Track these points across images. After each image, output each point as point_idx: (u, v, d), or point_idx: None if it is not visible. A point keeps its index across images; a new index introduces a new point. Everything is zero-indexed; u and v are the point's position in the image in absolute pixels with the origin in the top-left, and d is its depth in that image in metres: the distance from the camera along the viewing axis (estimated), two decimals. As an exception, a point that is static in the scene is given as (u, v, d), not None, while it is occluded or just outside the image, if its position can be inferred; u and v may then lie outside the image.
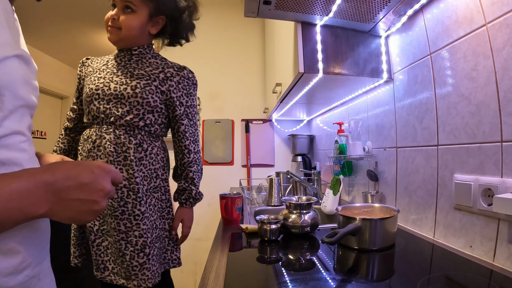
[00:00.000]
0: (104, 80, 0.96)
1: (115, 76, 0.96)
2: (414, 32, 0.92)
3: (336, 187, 1.30)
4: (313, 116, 2.08)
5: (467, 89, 0.71)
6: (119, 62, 1.00)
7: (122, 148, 0.92)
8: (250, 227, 0.96)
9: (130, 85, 0.94)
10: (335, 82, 1.13)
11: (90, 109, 0.95)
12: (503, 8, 0.61)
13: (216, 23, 2.38)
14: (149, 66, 0.99)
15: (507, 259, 0.60)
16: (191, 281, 2.23)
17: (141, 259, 0.90)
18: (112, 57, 1.04)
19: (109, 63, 1.01)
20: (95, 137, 0.94)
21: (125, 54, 1.01)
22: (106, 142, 0.92)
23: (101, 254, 0.93)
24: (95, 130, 0.95)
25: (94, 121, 0.96)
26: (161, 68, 0.99)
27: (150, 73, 0.97)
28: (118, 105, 0.93)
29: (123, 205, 0.91)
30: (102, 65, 1.02)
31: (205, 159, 2.30)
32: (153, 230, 0.96)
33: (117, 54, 1.02)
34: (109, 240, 0.93)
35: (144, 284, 0.90)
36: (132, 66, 0.99)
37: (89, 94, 0.96)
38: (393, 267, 0.66)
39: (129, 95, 0.93)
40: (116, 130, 0.93)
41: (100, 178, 0.41)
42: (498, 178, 0.62)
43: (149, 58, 1.02)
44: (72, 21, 2.96)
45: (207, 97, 2.35)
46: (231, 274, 0.64)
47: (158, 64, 1.01)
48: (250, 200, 1.54)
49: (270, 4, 0.88)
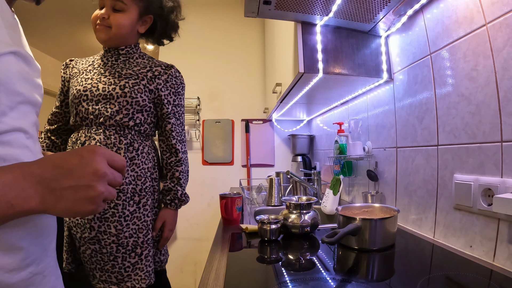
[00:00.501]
0: (92, 80, 0.94)
1: (102, 77, 0.95)
2: (414, 32, 0.92)
3: (336, 187, 1.30)
4: (313, 116, 2.08)
5: (467, 89, 0.71)
6: (106, 62, 0.99)
7: (113, 148, 0.91)
8: (250, 227, 0.96)
9: (118, 84, 0.93)
10: (335, 82, 1.13)
11: (78, 111, 0.93)
12: (503, 8, 0.61)
13: (216, 23, 2.38)
14: (137, 65, 0.99)
15: (507, 259, 0.60)
16: (191, 281, 2.23)
17: (132, 259, 0.89)
18: (98, 57, 1.02)
19: (95, 63, 1.00)
20: (84, 139, 0.92)
21: (112, 54, 1.00)
22: (96, 143, 0.90)
23: (87, 261, 0.91)
24: (84, 131, 0.93)
25: (82, 123, 0.94)
26: (149, 67, 0.99)
27: (138, 72, 0.97)
28: (107, 105, 0.92)
29: (113, 207, 0.89)
30: (87, 65, 1.00)
31: (205, 159, 2.30)
32: (147, 231, 0.94)
33: (104, 54, 1.01)
34: (92, 248, 0.89)
35: (138, 284, 0.89)
36: (120, 66, 0.98)
37: (76, 95, 0.94)
38: (393, 267, 0.66)
39: (118, 95, 0.92)
40: (106, 131, 0.92)
41: (90, 160, 0.38)
42: (498, 178, 0.62)
43: (137, 58, 1.01)
44: (72, 22, 2.96)
45: (207, 97, 2.35)
46: (231, 274, 0.64)
47: (145, 63, 1.00)
48: (250, 200, 1.54)
49: (270, 4, 0.88)
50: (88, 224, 0.88)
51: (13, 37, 0.46)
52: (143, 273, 0.90)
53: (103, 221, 0.89)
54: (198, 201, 2.28)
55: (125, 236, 0.89)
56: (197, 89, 2.32)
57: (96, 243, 0.88)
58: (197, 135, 2.31)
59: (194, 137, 2.31)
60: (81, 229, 0.90)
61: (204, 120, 2.33)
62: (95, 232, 0.88)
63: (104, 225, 0.89)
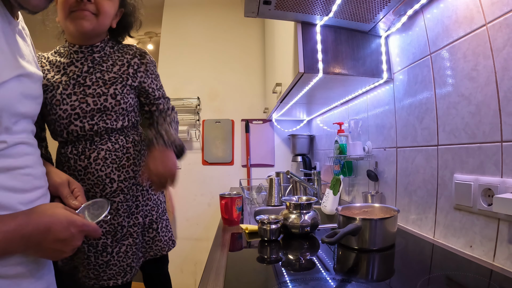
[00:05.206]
0: (77, 96, 0.84)
1: (86, 88, 0.85)
2: (414, 32, 0.92)
3: (336, 187, 1.30)
4: (313, 116, 2.08)
5: (467, 89, 0.71)
6: (81, 67, 0.87)
7: (123, 150, 0.90)
8: (250, 227, 0.96)
9: (108, 94, 0.86)
10: (335, 82, 1.13)
11: (71, 130, 0.85)
12: (503, 8, 0.61)
13: (216, 23, 2.38)
14: (114, 63, 0.91)
15: (507, 259, 0.60)
16: (191, 281, 2.23)
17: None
18: (64, 59, 0.88)
19: (68, 71, 0.86)
20: (89, 152, 0.86)
21: (85, 54, 0.87)
22: (106, 153, 0.88)
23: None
24: (85, 145, 0.87)
25: (80, 139, 0.87)
26: (126, 62, 0.92)
27: (120, 73, 0.90)
28: (104, 117, 0.86)
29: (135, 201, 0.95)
30: (56, 73, 0.87)
31: (205, 159, 2.30)
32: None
33: (72, 54, 0.87)
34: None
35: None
36: (98, 69, 0.88)
37: (64, 116, 0.84)
38: (393, 267, 0.66)
39: (112, 105, 0.86)
40: (111, 137, 0.89)
41: (75, 238, 0.49)
42: (498, 178, 0.62)
43: (110, 53, 0.92)
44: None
45: (207, 97, 2.35)
46: (231, 274, 0.64)
47: (120, 58, 0.92)
48: (250, 200, 1.54)
49: (270, 4, 0.88)
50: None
51: (17, 55, 0.49)
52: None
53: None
54: (198, 201, 2.28)
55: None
56: (197, 89, 2.32)
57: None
58: (197, 135, 2.31)
59: (194, 137, 2.31)
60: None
61: (204, 120, 2.33)
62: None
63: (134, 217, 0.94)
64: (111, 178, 0.88)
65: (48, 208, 0.48)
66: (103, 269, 0.89)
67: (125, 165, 0.91)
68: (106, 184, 0.88)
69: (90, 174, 0.87)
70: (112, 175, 0.88)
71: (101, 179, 0.87)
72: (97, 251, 0.89)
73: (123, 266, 0.92)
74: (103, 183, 0.87)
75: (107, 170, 0.88)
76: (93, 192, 0.87)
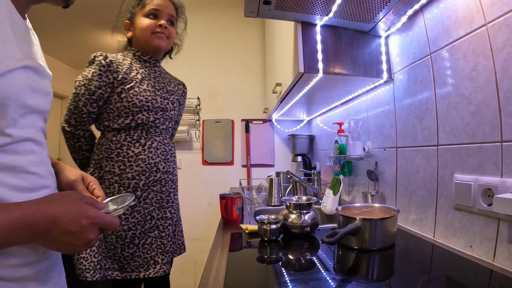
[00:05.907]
0: (150, 93, 1.04)
1: (156, 90, 1.07)
2: (414, 32, 0.92)
3: (336, 187, 1.30)
4: (313, 116, 2.08)
5: (467, 89, 0.71)
6: (149, 73, 1.09)
7: (167, 147, 1.09)
8: (250, 227, 0.96)
9: (170, 99, 1.11)
10: (335, 82, 1.13)
11: (137, 118, 1.01)
12: (503, 8, 0.61)
13: (216, 23, 2.38)
14: (170, 81, 1.17)
15: (507, 259, 0.60)
16: (191, 281, 2.23)
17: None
18: (136, 64, 1.07)
19: (141, 71, 1.06)
20: (145, 140, 1.03)
21: (151, 64, 1.11)
22: (158, 143, 1.05)
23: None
24: (140, 134, 1.02)
25: (138, 127, 1.02)
26: (178, 84, 1.21)
27: (175, 89, 1.17)
28: (164, 116, 1.08)
29: (168, 195, 1.09)
30: (132, 72, 1.03)
31: (205, 159, 2.30)
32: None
33: (143, 62, 1.09)
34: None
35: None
36: (159, 79, 1.12)
37: (138, 105, 1.01)
38: (393, 267, 0.66)
39: (170, 108, 1.10)
40: (162, 133, 1.08)
41: (86, 230, 0.44)
42: (498, 178, 0.62)
43: (163, 72, 1.17)
44: (72, 21, 2.96)
45: (207, 97, 2.35)
46: (231, 274, 0.64)
47: (171, 79, 1.19)
48: (250, 200, 1.54)
49: (270, 4, 0.88)
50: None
51: (24, 48, 0.48)
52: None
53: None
54: (198, 201, 2.28)
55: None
56: (197, 89, 2.32)
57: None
58: (197, 135, 2.31)
59: (194, 137, 2.31)
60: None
61: (204, 120, 2.33)
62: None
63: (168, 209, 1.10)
64: (158, 167, 1.03)
65: (59, 197, 0.44)
66: (128, 261, 0.97)
67: (169, 159, 1.08)
68: (152, 172, 1.01)
69: (140, 161, 1.00)
70: (159, 165, 1.03)
71: (150, 166, 1.01)
72: (124, 243, 0.97)
73: (147, 259, 1.00)
74: (150, 171, 1.01)
75: (156, 159, 1.03)
76: (138, 179, 0.99)
